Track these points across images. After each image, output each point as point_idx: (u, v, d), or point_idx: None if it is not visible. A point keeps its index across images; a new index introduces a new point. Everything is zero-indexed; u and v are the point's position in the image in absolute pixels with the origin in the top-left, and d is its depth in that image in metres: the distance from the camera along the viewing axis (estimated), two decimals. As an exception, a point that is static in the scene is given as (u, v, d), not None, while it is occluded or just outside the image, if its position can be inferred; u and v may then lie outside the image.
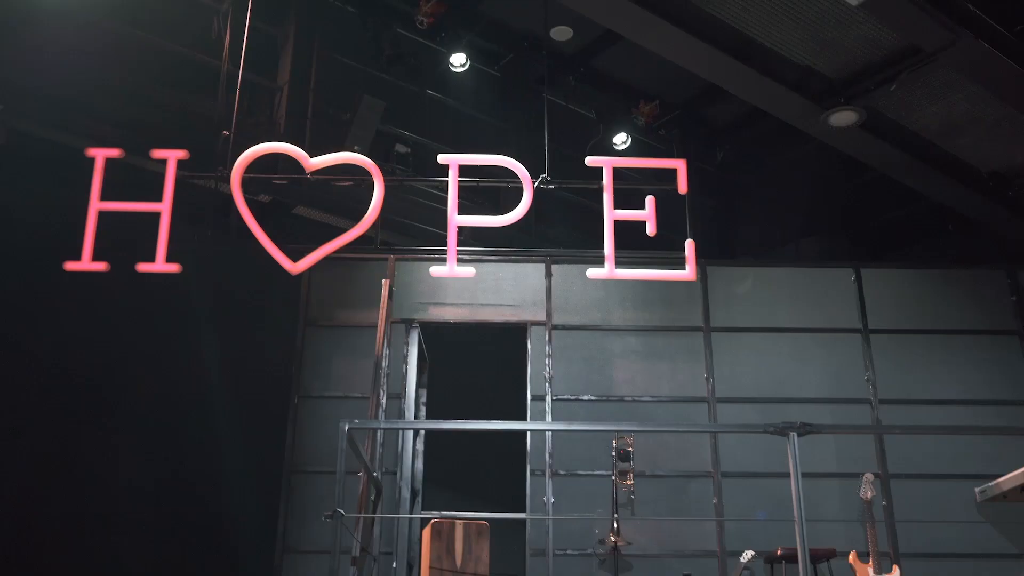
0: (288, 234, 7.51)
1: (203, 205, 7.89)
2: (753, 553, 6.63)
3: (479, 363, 8.91)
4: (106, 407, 7.21)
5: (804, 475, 4.81)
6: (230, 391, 7.40)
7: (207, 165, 7.23)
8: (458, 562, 5.42)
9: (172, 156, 6.87)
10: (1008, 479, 4.84)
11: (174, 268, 6.65)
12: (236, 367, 7.49)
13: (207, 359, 7.45)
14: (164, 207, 6.73)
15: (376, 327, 7.20)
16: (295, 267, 6.91)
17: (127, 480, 7.02)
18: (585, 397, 8.01)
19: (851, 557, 6.23)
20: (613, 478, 7.12)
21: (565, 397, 7.97)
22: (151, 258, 6.60)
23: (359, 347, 7.93)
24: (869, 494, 6.29)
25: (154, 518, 6.98)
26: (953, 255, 9.25)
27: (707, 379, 8.07)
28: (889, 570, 6.08)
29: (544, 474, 7.69)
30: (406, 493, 7.77)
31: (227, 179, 6.93)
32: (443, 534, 5.51)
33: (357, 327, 8.03)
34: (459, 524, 5.53)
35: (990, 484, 5.02)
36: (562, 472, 7.72)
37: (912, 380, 8.09)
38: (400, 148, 9.09)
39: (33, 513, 6.80)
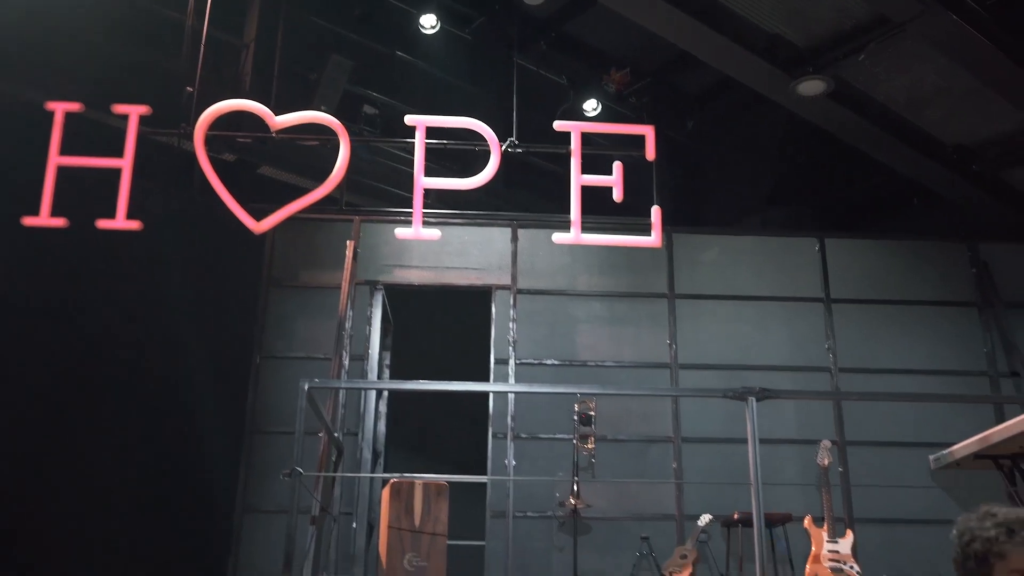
0: (252, 193, 7.40)
1: (165, 162, 7.77)
2: (710, 517, 6.73)
3: (443, 326, 8.90)
4: (65, 367, 7.14)
5: (762, 441, 4.89)
6: (191, 351, 7.35)
7: (170, 121, 7.13)
8: (416, 521, 5.45)
9: (134, 111, 6.81)
10: (961, 447, 4.89)
11: (135, 225, 6.60)
12: (198, 327, 7.42)
13: (168, 318, 7.39)
14: (125, 163, 6.67)
15: (340, 288, 7.17)
16: (259, 226, 6.88)
17: (85, 440, 6.96)
18: (548, 361, 8.03)
19: (806, 522, 6.30)
20: (574, 442, 7.16)
21: (528, 361, 8.00)
22: (111, 215, 6.54)
23: (323, 308, 7.89)
24: (826, 461, 6.35)
25: (115, 478, 6.94)
26: (917, 227, 9.33)
27: (670, 345, 8.12)
28: (843, 535, 6.17)
29: (506, 437, 7.72)
30: (367, 454, 7.78)
31: (190, 136, 6.86)
32: (402, 494, 5.53)
33: (321, 288, 7.99)
34: (418, 484, 5.55)
35: (944, 452, 5.07)
36: (524, 435, 7.76)
37: (872, 349, 8.20)
38: (368, 109, 8.95)
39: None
